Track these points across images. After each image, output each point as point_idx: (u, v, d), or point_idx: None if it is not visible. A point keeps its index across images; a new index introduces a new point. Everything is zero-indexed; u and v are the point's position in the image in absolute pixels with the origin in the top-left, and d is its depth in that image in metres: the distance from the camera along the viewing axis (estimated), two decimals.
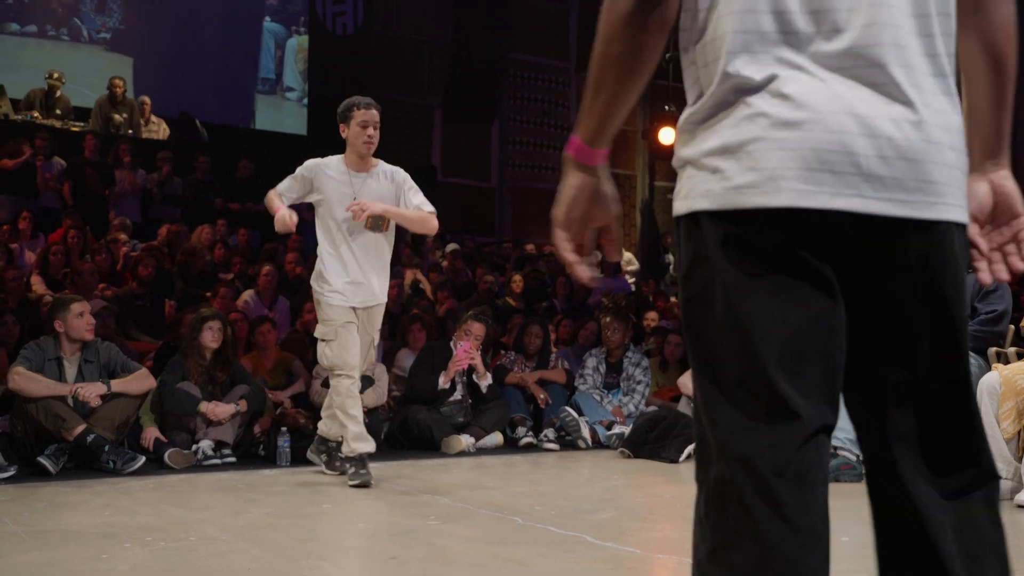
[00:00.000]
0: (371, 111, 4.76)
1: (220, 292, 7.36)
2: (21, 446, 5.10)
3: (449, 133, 15.29)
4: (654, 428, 6.05)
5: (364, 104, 4.76)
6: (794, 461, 1.21)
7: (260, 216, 11.05)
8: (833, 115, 1.20)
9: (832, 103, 1.20)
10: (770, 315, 1.22)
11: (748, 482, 1.21)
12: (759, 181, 1.21)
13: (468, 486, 4.94)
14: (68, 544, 3.41)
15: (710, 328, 1.27)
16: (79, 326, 5.30)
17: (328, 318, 4.74)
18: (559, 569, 3.12)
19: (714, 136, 1.26)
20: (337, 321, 4.71)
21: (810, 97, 1.21)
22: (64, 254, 7.87)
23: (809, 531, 1.22)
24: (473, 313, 6.63)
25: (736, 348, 1.24)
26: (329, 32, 14.38)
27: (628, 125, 17.23)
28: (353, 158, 4.82)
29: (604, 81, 1.34)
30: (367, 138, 4.74)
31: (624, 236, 16.94)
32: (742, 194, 1.22)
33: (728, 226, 1.23)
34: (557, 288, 10.36)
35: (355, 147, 4.78)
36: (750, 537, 1.20)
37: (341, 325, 4.71)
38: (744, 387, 1.24)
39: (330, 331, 4.73)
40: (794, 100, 1.21)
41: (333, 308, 4.73)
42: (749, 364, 1.23)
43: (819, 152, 1.20)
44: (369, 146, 4.76)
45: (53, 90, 11.12)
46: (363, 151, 4.77)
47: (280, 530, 3.71)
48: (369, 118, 4.74)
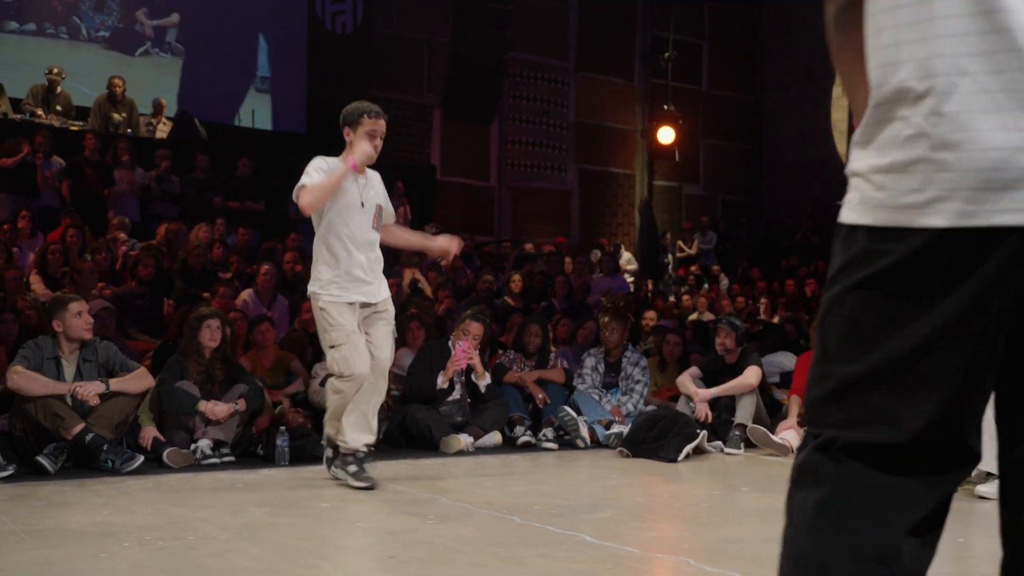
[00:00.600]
0: (380, 121, 4.71)
1: (219, 291, 7.36)
2: (20, 445, 5.10)
3: (449, 132, 15.29)
4: (653, 427, 6.05)
5: (374, 113, 4.70)
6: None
7: (259, 215, 11.08)
8: (993, 132, 1.20)
9: (992, 119, 1.20)
10: (894, 328, 1.26)
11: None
12: (922, 202, 1.23)
13: (467, 485, 4.94)
14: (67, 543, 3.41)
15: (835, 333, 1.32)
16: (77, 325, 5.29)
17: (336, 323, 4.60)
18: (557, 568, 3.13)
19: (879, 151, 1.29)
20: (345, 326, 4.59)
21: (968, 115, 1.21)
22: (63, 253, 7.87)
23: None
24: (471, 313, 6.63)
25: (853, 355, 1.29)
26: (328, 31, 14.38)
27: (627, 124, 17.24)
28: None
29: (838, 67, 1.48)
30: (375, 149, 4.69)
31: (623, 235, 16.94)
32: (904, 213, 1.25)
33: (884, 243, 1.26)
34: (556, 288, 10.37)
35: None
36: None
37: (352, 331, 4.60)
38: (850, 393, 1.30)
39: (340, 335, 4.59)
40: (954, 119, 1.22)
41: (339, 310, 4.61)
42: (859, 376, 1.28)
43: (981, 171, 1.20)
44: (373, 158, 4.71)
45: (53, 85, 11.12)
46: (368, 161, 4.72)
47: (279, 529, 3.71)
48: (378, 128, 4.69)
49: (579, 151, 16.79)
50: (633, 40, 17.44)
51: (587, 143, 16.84)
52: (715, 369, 6.81)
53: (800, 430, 6.41)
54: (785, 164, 18.06)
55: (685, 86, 17.27)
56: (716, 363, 6.83)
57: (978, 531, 3.98)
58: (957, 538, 3.80)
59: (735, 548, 3.42)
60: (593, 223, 16.88)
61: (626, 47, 17.37)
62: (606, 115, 17.04)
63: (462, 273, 10.58)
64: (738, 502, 4.54)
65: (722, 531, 3.75)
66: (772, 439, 6.24)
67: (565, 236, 15.72)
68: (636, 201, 17.37)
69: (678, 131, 15.69)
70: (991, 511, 4.52)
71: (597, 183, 17.05)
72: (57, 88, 11.15)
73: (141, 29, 13.25)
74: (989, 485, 4.53)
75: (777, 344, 8.27)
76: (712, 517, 4.12)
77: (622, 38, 17.31)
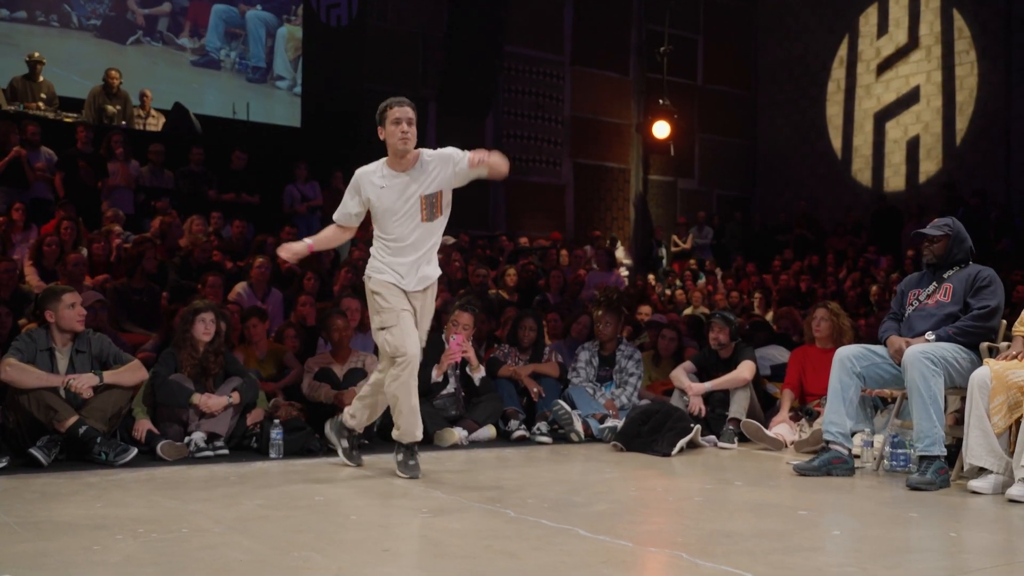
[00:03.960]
0: (404, 108, 4.74)
1: (209, 281, 7.35)
2: (13, 437, 5.09)
3: (443, 126, 15.27)
4: (647, 421, 6.06)
5: (396, 103, 4.75)
6: None
7: (253, 208, 11.07)
8: None
9: None
10: None
11: None
12: None
13: (461, 479, 4.95)
14: (60, 535, 3.40)
15: None
16: (70, 317, 5.28)
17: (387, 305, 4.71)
18: (551, 562, 3.13)
19: None
20: (396, 307, 4.69)
21: None
22: (58, 245, 7.85)
23: None
24: (459, 303, 6.63)
25: None
26: (323, 24, 14.35)
27: (622, 118, 17.24)
28: (393, 159, 4.80)
29: None
30: (401, 134, 4.70)
31: (618, 230, 16.95)
32: None
33: None
34: (551, 282, 10.37)
35: (392, 146, 4.75)
36: None
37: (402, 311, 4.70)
38: None
39: (390, 316, 4.70)
40: None
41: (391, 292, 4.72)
42: None
43: None
44: (404, 142, 4.71)
45: (35, 73, 11.04)
46: (400, 147, 4.72)
47: (272, 522, 3.71)
48: (402, 114, 4.72)
49: (574, 145, 16.79)
50: (628, 34, 17.43)
51: (582, 137, 16.84)
52: (709, 363, 6.81)
53: (793, 424, 6.42)
54: (780, 159, 18.08)
55: (680, 80, 17.28)
56: (710, 357, 6.83)
57: (971, 525, 3.99)
58: (950, 532, 3.81)
59: (728, 542, 3.43)
60: (588, 217, 16.88)
61: (621, 41, 17.36)
62: (601, 109, 17.04)
63: (459, 267, 10.58)
64: (731, 496, 4.54)
65: (715, 525, 3.76)
66: (766, 433, 6.25)
67: (560, 230, 15.73)
68: (631, 195, 17.38)
69: (673, 125, 15.69)
70: (984, 505, 4.56)
71: (592, 177, 17.05)
72: (39, 76, 11.09)
73: (132, 17, 13.20)
74: (982, 480, 4.54)
75: (769, 338, 8.28)
76: (705, 511, 4.13)
77: (617, 32, 17.31)
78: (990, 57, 15.25)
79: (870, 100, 16.78)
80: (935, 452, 4.75)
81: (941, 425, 4.78)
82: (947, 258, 5.26)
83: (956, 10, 15.66)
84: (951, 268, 5.25)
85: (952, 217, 5.46)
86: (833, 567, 3.12)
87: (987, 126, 15.21)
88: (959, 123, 15.53)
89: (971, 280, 5.13)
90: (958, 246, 5.25)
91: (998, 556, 3.41)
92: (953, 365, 4.90)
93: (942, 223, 5.33)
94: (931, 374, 4.79)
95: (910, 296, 5.35)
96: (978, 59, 15.36)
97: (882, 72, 16.67)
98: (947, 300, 5.14)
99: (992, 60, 15.23)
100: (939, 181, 15.43)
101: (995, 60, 15.19)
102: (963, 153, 15.43)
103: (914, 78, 16.20)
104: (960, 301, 5.11)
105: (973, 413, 4.58)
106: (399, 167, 4.78)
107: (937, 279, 5.26)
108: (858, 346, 5.35)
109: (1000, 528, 3.92)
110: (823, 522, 4.07)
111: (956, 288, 5.15)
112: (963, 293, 5.12)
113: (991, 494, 4.49)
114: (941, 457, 4.76)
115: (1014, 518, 4.03)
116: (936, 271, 5.30)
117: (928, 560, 3.31)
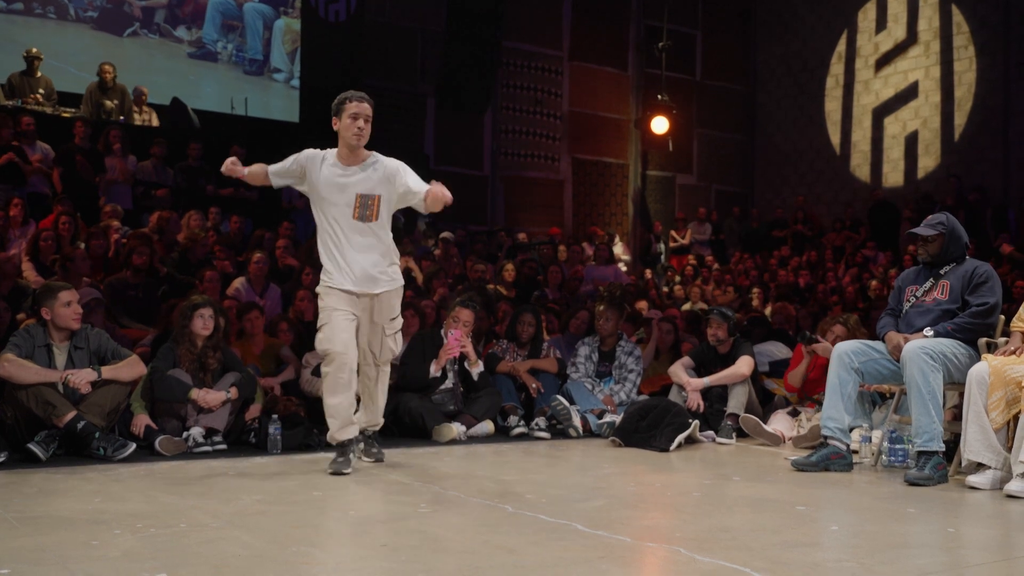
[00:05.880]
0: (363, 104, 4.81)
1: (206, 276, 7.35)
2: (11, 433, 5.08)
3: (442, 121, 15.27)
4: (645, 417, 6.06)
5: (356, 97, 4.82)
6: None
7: (252, 203, 11.06)
8: None
9: None
10: None
11: None
12: None
13: (459, 474, 4.95)
14: (58, 530, 3.40)
15: None
16: (66, 315, 5.27)
17: (324, 305, 4.81)
18: (549, 557, 3.13)
19: None
20: (330, 306, 4.77)
21: None
22: (55, 240, 7.84)
23: None
24: (460, 299, 6.63)
25: None
26: (322, 19, 14.33)
27: (621, 114, 17.23)
28: (344, 151, 4.86)
29: None
30: (357, 130, 4.77)
31: (616, 225, 16.94)
32: None
33: None
34: (549, 277, 10.37)
35: (345, 139, 4.82)
36: None
37: (334, 310, 4.75)
38: None
39: (324, 316, 4.78)
40: None
41: (330, 294, 4.79)
42: None
43: None
44: (358, 138, 4.78)
45: (32, 68, 11.03)
46: (352, 143, 4.80)
47: (271, 517, 3.71)
48: (360, 111, 4.79)
49: (572, 140, 16.78)
50: (627, 29, 17.41)
51: (580, 132, 16.83)
52: (707, 359, 6.82)
53: (792, 419, 6.43)
54: (778, 154, 18.07)
55: (679, 76, 17.27)
56: (708, 353, 6.84)
57: (968, 521, 4.00)
58: (947, 528, 3.82)
59: (726, 537, 3.43)
60: (586, 213, 16.88)
61: (620, 37, 17.34)
62: (599, 104, 17.02)
63: (456, 261, 10.58)
64: (729, 491, 4.55)
65: (713, 520, 3.76)
66: (764, 429, 6.25)
67: (558, 225, 15.72)
68: (629, 191, 17.37)
69: (672, 121, 15.68)
70: (981, 501, 4.56)
71: (590, 172, 17.04)
72: (37, 72, 11.07)
73: (129, 10, 13.18)
74: (980, 476, 4.55)
75: (767, 334, 8.29)
76: (703, 506, 4.13)
77: (616, 27, 17.29)
78: (988, 52, 15.24)
79: (868, 96, 16.77)
80: (933, 448, 4.75)
81: (939, 421, 4.79)
82: (943, 256, 5.24)
83: (955, 5, 15.65)
84: (947, 265, 5.24)
85: (946, 213, 5.41)
86: (831, 562, 3.12)
87: (985, 121, 15.20)
88: (958, 118, 15.52)
89: (968, 277, 5.12)
90: (954, 243, 5.23)
91: (996, 551, 3.42)
92: (952, 361, 4.90)
93: (935, 221, 5.29)
94: (930, 370, 4.80)
95: (907, 292, 5.34)
96: (977, 54, 15.34)
97: (880, 68, 16.66)
98: (944, 298, 5.13)
99: (991, 55, 15.21)
100: (938, 176, 15.43)
101: (993, 55, 15.18)
102: (962, 148, 15.43)
103: (912, 73, 16.20)
104: (958, 299, 5.10)
105: (971, 409, 4.59)
106: (348, 161, 4.85)
107: (934, 275, 5.25)
108: (856, 342, 5.35)
109: (998, 523, 3.92)
110: (821, 517, 4.07)
111: (953, 285, 5.14)
112: (961, 290, 5.11)
113: (989, 489, 4.49)
114: (939, 453, 4.76)
115: (1012, 513, 4.03)
116: (932, 268, 5.28)
117: (926, 555, 3.31)
